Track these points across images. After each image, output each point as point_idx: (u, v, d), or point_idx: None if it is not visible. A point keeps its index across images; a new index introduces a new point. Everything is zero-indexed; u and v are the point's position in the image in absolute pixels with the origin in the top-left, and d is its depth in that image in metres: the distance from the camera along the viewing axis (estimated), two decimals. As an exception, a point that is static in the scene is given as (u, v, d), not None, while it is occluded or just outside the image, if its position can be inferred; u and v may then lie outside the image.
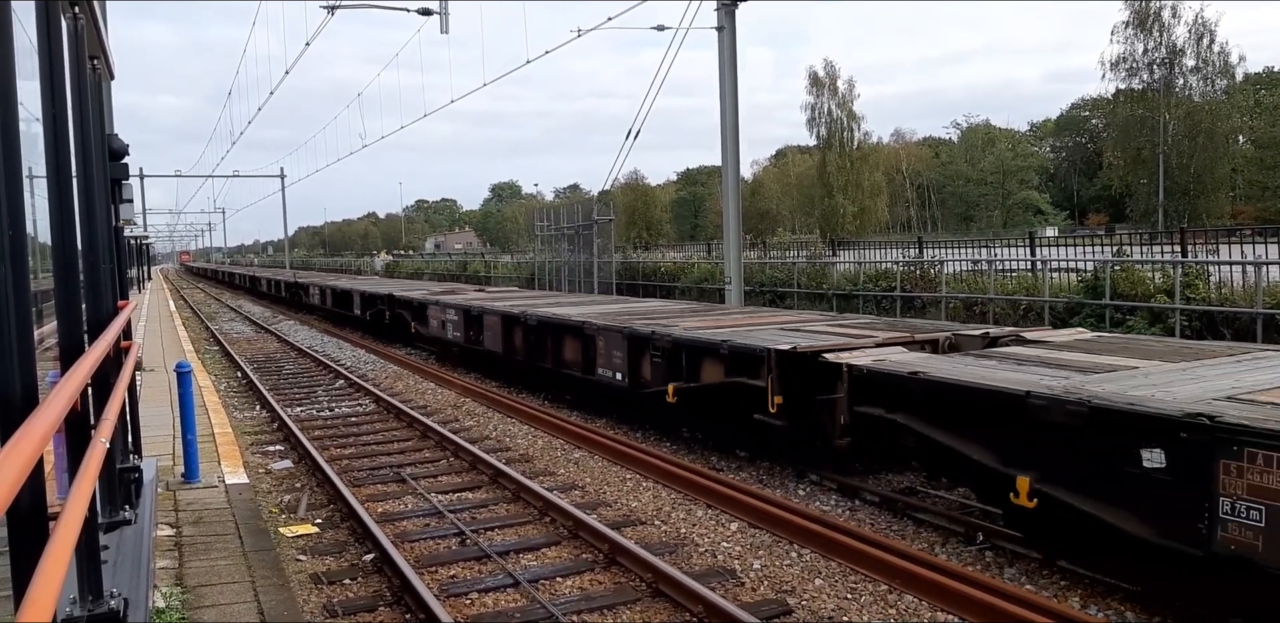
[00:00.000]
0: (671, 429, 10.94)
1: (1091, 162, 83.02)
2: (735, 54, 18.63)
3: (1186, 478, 5.00)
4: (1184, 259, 14.78)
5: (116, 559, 3.98)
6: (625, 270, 28.79)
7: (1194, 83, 49.54)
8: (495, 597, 6.15)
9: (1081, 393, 5.84)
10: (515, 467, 9.49)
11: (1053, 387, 6.11)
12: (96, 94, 4.98)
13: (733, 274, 19.19)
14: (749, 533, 7.31)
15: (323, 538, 7.51)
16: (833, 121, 62.71)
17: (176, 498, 7.40)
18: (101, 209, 4.83)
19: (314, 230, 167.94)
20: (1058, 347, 8.39)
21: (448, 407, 13.57)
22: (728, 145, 18.82)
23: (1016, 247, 21.47)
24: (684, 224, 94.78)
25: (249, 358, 20.18)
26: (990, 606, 5.48)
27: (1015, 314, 16.31)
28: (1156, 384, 6.14)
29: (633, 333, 10.81)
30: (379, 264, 63.34)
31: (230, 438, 9.93)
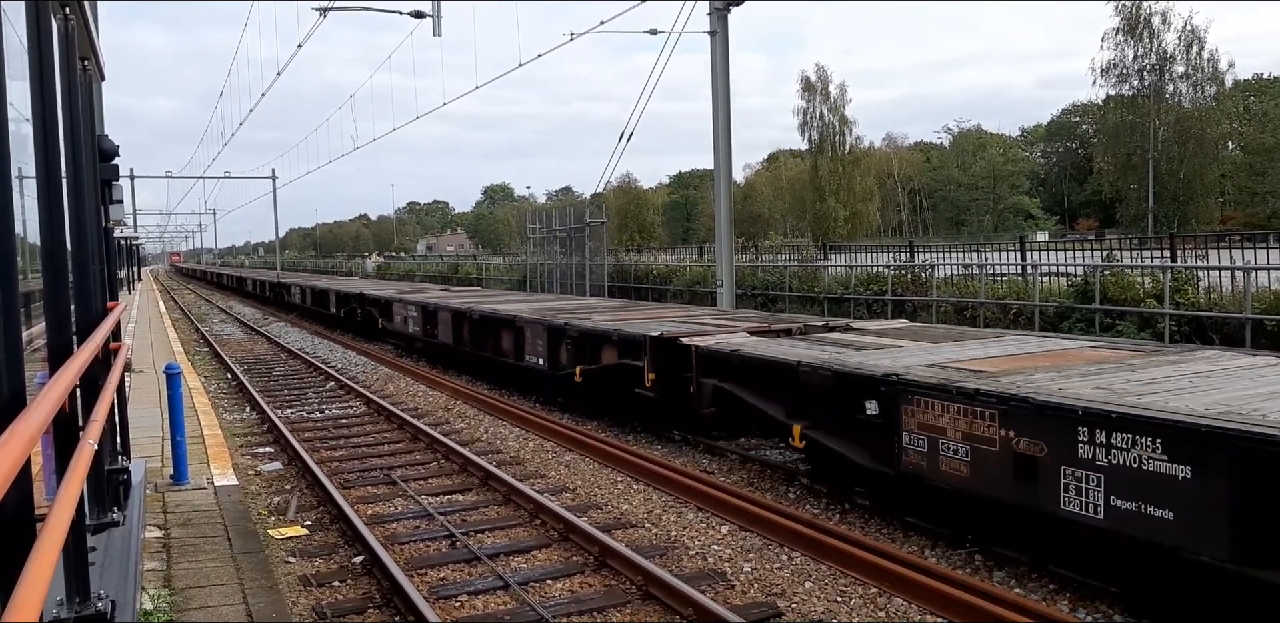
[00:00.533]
0: (579, 405, 12.63)
1: (1082, 167, 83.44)
2: (728, 58, 18.66)
3: (887, 420, 6.99)
4: (1173, 264, 14.85)
5: (104, 561, 3.97)
6: (617, 273, 28.81)
7: (1184, 89, 49.84)
8: (485, 599, 6.15)
9: (832, 363, 7.82)
10: (506, 469, 9.48)
11: (818, 358, 8.05)
12: (87, 95, 4.97)
13: (724, 278, 19.20)
14: (739, 536, 7.31)
15: (312, 540, 7.49)
16: (825, 126, 62.85)
17: (165, 500, 7.38)
18: (91, 210, 4.81)
19: (305, 232, 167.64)
20: (867, 332, 10.35)
21: (439, 409, 13.55)
22: (720, 149, 18.84)
23: (1007, 251, 21.54)
24: (676, 227, 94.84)
25: (239, 359, 20.12)
26: (979, 609, 5.49)
27: (1006, 318, 16.35)
28: (897, 357, 8.04)
29: (550, 325, 12.66)
30: (370, 266, 63.21)
31: (220, 440, 9.90)
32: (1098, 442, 5.41)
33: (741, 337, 10.28)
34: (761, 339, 10.15)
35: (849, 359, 7.92)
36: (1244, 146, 65.30)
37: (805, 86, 63.04)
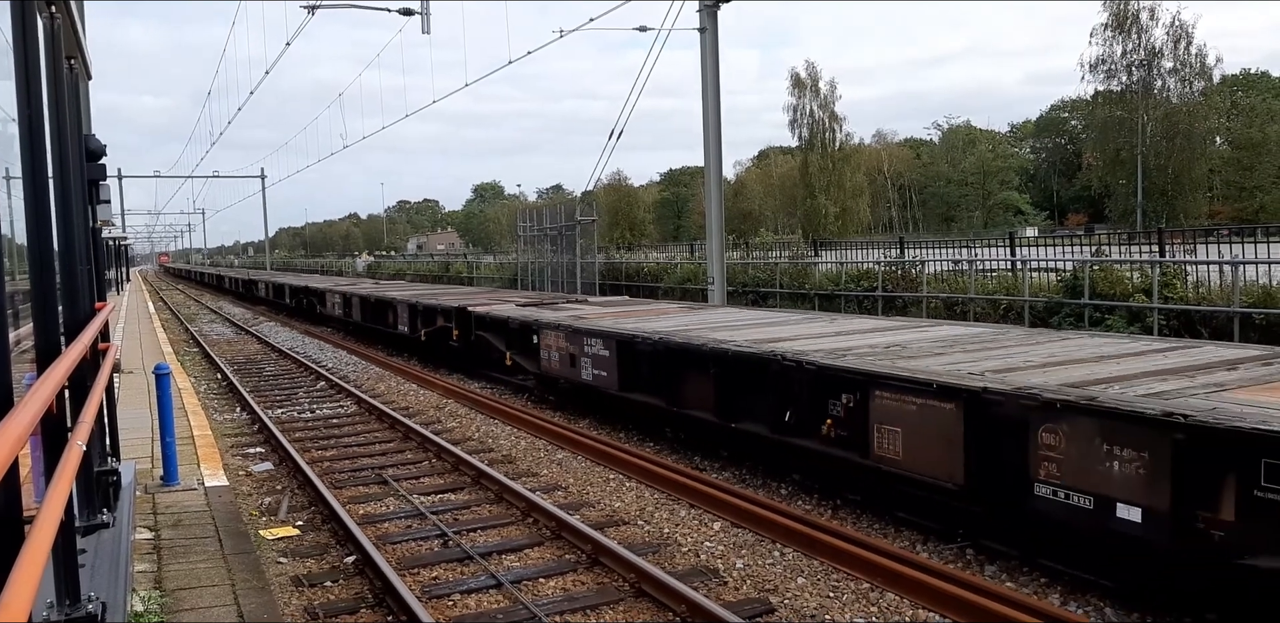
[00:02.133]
0: (431, 358, 17.95)
1: (1071, 162, 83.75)
2: (717, 55, 18.66)
3: (538, 345, 12.46)
4: (1162, 259, 14.92)
5: (94, 563, 3.95)
6: (608, 271, 28.79)
7: (1172, 84, 50.02)
8: (478, 598, 6.14)
9: (525, 317, 13.37)
10: (498, 468, 9.47)
11: (522, 315, 13.62)
12: (74, 94, 4.94)
13: (715, 274, 19.22)
14: (732, 532, 7.32)
15: (304, 540, 7.48)
16: (815, 123, 62.95)
17: (155, 501, 7.35)
18: (78, 210, 4.79)
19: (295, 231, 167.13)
20: (588, 304, 15.94)
21: (430, 408, 13.53)
22: (710, 146, 18.84)
23: (997, 247, 21.60)
24: (667, 225, 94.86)
25: (229, 359, 20.06)
26: (971, 603, 5.51)
27: (996, 313, 16.40)
28: (563, 314, 13.53)
29: (409, 303, 18.51)
30: (360, 265, 63.04)
31: (210, 440, 9.87)
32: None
33: (508, 307, 15.31)
34: (515, 307, 15.23)
35: (533, 315, 13.48)
36: (1232, 142, 65.66)
37: (795, 83, 63.14)
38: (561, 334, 11.88)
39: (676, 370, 9.77)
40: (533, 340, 12.69)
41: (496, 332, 14.24)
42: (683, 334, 10.05)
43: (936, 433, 6.38)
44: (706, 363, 9.17)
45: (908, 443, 6.63)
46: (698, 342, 9.40)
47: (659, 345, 9.89)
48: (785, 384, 8.07)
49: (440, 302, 17.19)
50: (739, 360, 8.69)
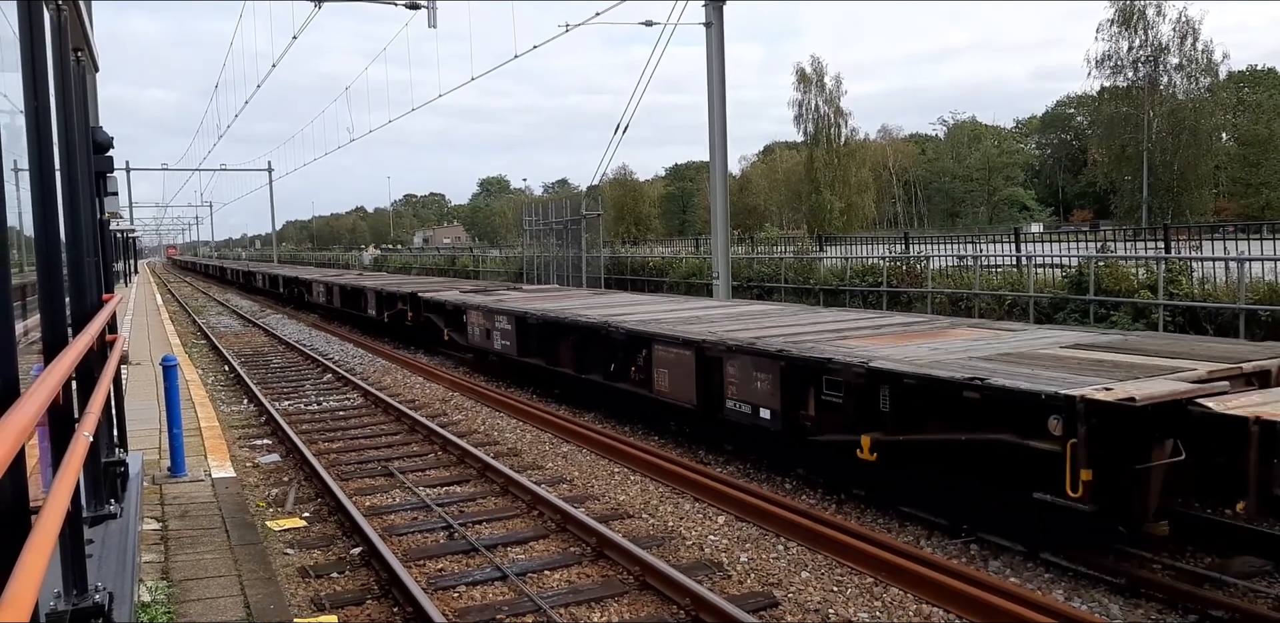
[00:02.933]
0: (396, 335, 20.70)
1: (1076, 158, 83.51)
2: (723, 50, 18.62)
3: (463, 320, 15.66)
4: (1167, 255, 14.88)
5: (101, 553, 3.97)
6: (613, 265, 28.77)
7: (1178, 80, 49.87)
8: (483, 590, 6.16)
9: (457, 300, 16.42)
10: (504, 461, 9.49)
11: (454, 298, 16.80)
12: (80, 86, 4.95)
13: (720, 269, 19.21)
14: (736, 526, 7.33)
15: (310, 532, 7.50)
16: (820, 118, 62.87)
17: (162, 492, 7.37)
18: (85, 202, 4.80)
19: (302, 224, 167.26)
20: (521, 291, 19.07)
21: (436, 401, 13.55)
22: (716, 141, 18.82)
23: (1002, 243, 21.54)
24: (672, 219, 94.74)
25: (236, 352, 20.10)
26: (975, 598, 5.51)
27: (1000, 309, 16.37)
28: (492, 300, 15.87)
29: (376, 290, 21.54)
30: (367, 259, 63.08)
31: (217, 432, 9.90)
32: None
33: (452, 293, 18.15)
34: (458, 293, 18.20)
35: (464, 299, 16.38)
36: (1238, 138, 65.39)
37: (800, 78, 63.04)
38: (480, 313, 14.97)
39: (553, 338, 12.79)
40: (462, 319, 15.82)
41: (438, 313, 17.47)
42: (561, 312, 12.85)
43: (684, 371, 9.40)
44: (569, 331, 12.24)
45: (671, 379, 9.68)
46: (565, 316, 12.41)
47: (541, 319, 12.90)
48: (611, 344, 11.25)
49: (400, 289, 20.26)
50: (587, 328, 11.80)
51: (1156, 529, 5.75)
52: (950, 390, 6.48)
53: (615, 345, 11.10)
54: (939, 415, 6.71)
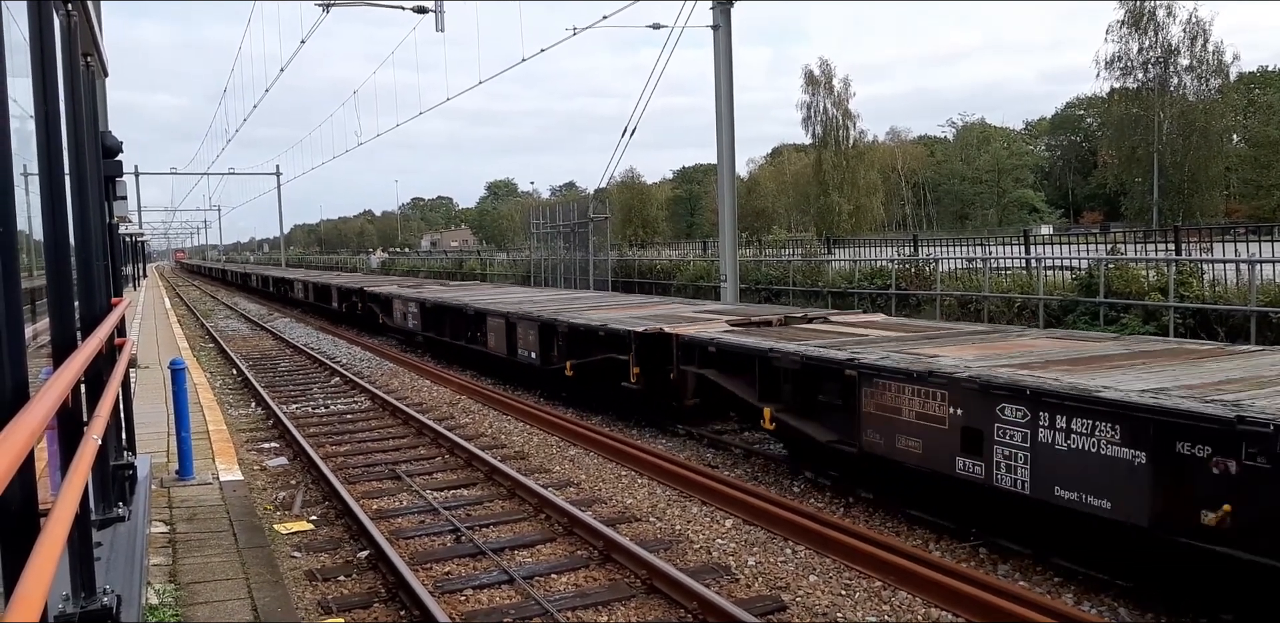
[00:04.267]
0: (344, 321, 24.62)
1: (1086, 160, 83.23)
2: (730, 52, 18.62)
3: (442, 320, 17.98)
4: (1178, 257, 14.82)
5: (110, 556, 3.98)
6: (621, 268, 28.78)
7: (1188, 82, 49.56)
8: (490, 593, 6.16)
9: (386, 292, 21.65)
10: (511, 464, 9.49)
11: (389, 292, 21.41)
12: (90, 91, 4.97)
13: (728, 272, 19.19)
14: (744, 530, 7.32)
15: (317, 535, 7.51)
16: (828, 120, 62.75)
17: (170, 495, 7.40)
18: (95, 206, 4.82)
19: (310, 228, 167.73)
20: (442, 285, 24.57)
21: (443, 404, 13.57)
22: (723, 143, 18.82)
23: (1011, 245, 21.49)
24: (680, 222, 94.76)
25: (244, 355, 20.16)
26: (984, 602, 5.49)
27: (1010, 311, 16.32)
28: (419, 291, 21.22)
29: (339, 286, 26.78)
30: (374, 262, 63.21)
31: (225, 435, 9.92)
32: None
33: (391, 287, 21.98)
34: (396, 287, 22.63)
35: (395, 291, 20.07)
36: (1249, 139, 65.08)
37: (808, 80, 62.96)
38: (399, 301, 19.90)
39: (440, 317, 17.60)
40: (391, 307, 20.45)
41: (377, 303, 22.18)
42: (445, 299, 17.86)
43: (533, 339, 13.04)
44: (448, 311, 17.11)
45: (495, 339, 14.36)
46: (446, 301, 17.33)
47: (435, 303, 17.76)
48: (467, 318, 15.97)
49: (352, 285, 25.65)
50: (455, 308, 16.59)
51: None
52: (591, 335, 11.64)
53: (469, 319, 15.87)
54: (597, 348, 11.45)
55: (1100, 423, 5.39)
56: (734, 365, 9.23)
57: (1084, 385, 5.77)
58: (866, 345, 8.32)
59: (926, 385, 6.63)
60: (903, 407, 6.81)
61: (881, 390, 7.00)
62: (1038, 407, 5.77)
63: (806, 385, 8.08)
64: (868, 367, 7.22)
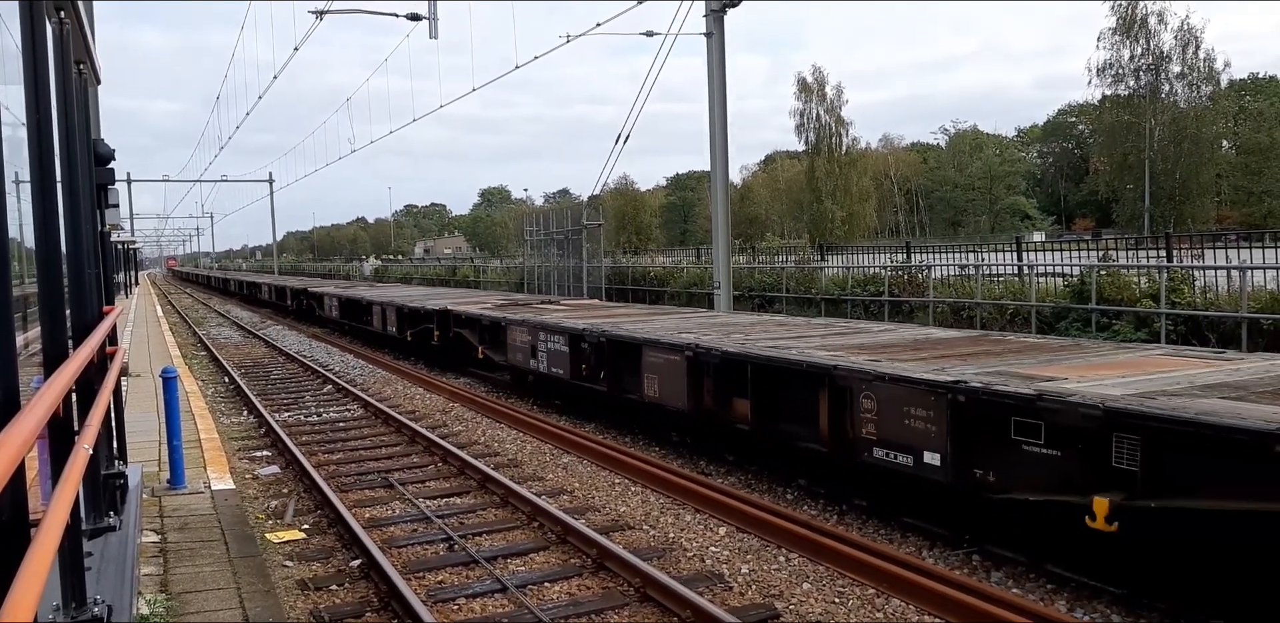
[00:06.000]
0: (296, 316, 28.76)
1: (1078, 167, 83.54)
2: (724, 60, 18.67)
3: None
4: (1169, 264, 14.87)
5: (100, 566, 3.97)
6: (615, 275, 28.79)
7: (1179, 89, 49.85)
8: (483, 602, 6.14)
9: (320, 291, 28.90)
10: (503, 472, 9.48)
11: (324, 290, 28.31)
12: (82, 98, 4.97)
13: (721, 279, 19.21)
14: (737, 537, 7.31)
15: (310, 544, 7.49)
16: (821, 127, 62.84)
17: (162, 504, 7.37)
18: (87, 214, 4.81)
19: (303, 235, 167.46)
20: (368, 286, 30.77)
21: (436, 412, 13.54)
22: (717, 151, 18.85)
23: (1004, 251, 21.55)
24: (673, 229, 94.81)
25: (236, 363, 20.10)
26: (977, 609, 5.49)
27: (1002, 318, 16.36)
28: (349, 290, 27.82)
29: (291, 288, 34.34)
30: (368, 269, 63.13)
31: (217, 444, 9.89)
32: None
33: (328, 287, 28.12)
34: (334, 288, 28.21)
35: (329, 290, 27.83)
36: (1239, 146, 65.41)
37: (802, 88, 63.08)
38: (329, 297, 26.27)
39: (352, 308, 23.03)
40: (323, 302, 26.76)
41: (314, 300, 28.58)
42: (359, 296, 22.77)
43: (393, 318, 19.76)
44: (356, 302, 22.51)
45: (391, 322, 19.96)
46: (357, 297, 22.69)
47: (344, 298, 23.36)
48: (361, 307, 22.64)
49: (301, 287, 32.58)
50: (366, 302, 22.04)
51: None
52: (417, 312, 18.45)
53: (363, 307, 22.20)
54: (423, 321, 17.07)
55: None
56: (470, 325, 15.96)
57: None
58: (549, 314, 14.37)
59: (522, 328, 13.60)
60: (514, 341, 13.84)
61: (508, 330, 14.03)
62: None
63: (495, 334, 14.76)
64: (513, 320, 13.96)
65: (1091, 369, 6.94)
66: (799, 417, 8.06)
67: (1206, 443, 4.98)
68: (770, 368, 8.29)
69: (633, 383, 10.52)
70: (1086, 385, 6.09)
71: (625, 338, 10.72)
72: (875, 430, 7.01)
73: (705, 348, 9.12)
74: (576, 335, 11.76)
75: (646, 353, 10.07)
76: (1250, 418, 4.89)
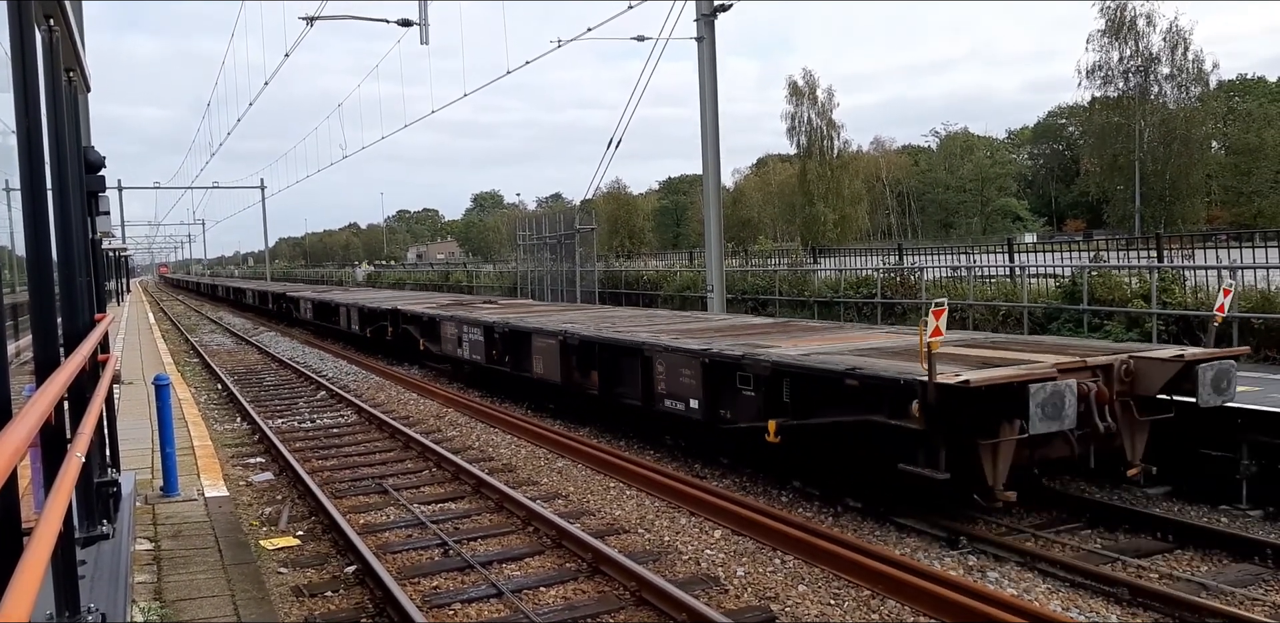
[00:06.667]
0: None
1: (1069, 168, 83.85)
2: (715, 64, 18.69)
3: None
4: (1160, 264, 14.92)
5: (94, 574, 3.95)
6: (608, 279, 28.78)
7: (1169, 90, 50.08)
8: (479, 607, 6.13)
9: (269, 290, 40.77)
10: (498, 477, 9.46)
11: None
12: (72, 106, 4.96)
13: (715, 282, 19.21)
14: (732, 540, 7.31)
15: (304, 550, 7.47)
16: (813, 130, 63.05)
17: (155, 512, 7.34)
18: (78, 221, 4.80)
19: (295, 241, 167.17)
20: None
21: (430, 417, 13.52)
22: (708, 154, 18.87)
23: (995, 253, 21.60)
24: (666, 233, 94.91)
25: (229, 370, 20.05)
26: (972, 610, 5.50)
27: (994, 319, 16.39)
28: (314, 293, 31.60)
29: (257, 290, 43.30)
30: (360, 275, 63.01)
31: (210, 451, 9.86)
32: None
33: (308, 292, 31.86)
34: (311, 291, 34.01)
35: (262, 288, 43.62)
36: (1229, 147, 65.77)
37: (793, 91, 63.29)
38: (300, 300, 29.44)
39: (323, 308, 26.22)
40: (299, 305, 30.05)
41: (291, 303, 31.59)
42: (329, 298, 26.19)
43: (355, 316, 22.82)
44: (325, 304, 25.91)
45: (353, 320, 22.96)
46: (328, 299, 25.77)
47: (316, 301, 27.28)
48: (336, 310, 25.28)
49: (280, 291, 36.74)
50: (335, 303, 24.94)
51: None
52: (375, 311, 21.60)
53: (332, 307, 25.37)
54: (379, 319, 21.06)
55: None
56: (414, 322, 18.44)
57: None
58: (476, 312, 16.86)
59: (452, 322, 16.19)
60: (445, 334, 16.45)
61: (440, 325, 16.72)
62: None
63: (432, 329, 17.25)
64: (444, 316, 16.69)
65: (806, 341, 9.56)
66: (627, 381, 10.81)
67: (818, 381, 7.82)
68: (610, 346, 11.04)
69: (526, 364, 13.16)
70: (779, 351, 8.71)
71: (521, 328, 13.38)
72: (665, 387, 9.86)
73: (571, 333, 11.81)
74: (489, 327, 14.38)
75: (534, 339, 12.80)
76: (841, 364, 7.69)
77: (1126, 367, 7.42)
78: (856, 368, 7.39)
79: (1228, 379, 7.38)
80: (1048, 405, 6.52)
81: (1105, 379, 7.21)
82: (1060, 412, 6.58)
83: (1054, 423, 6.57)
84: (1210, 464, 7.93)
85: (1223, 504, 7.75)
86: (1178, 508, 7.80)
